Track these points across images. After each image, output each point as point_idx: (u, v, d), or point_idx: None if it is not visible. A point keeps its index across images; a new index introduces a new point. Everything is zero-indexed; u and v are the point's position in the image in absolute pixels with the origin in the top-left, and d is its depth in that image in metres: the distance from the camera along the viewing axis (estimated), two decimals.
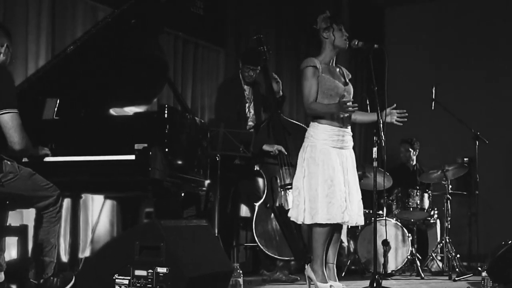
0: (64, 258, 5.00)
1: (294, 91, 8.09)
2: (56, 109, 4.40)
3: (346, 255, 6.41)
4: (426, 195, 6.37)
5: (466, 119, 6.60)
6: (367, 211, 6.26)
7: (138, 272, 3.38)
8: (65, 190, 4.09)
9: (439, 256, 6.39)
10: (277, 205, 5.24)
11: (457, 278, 5.75)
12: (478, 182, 6.64)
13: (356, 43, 4.31)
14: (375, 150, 4.31)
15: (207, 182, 4.66)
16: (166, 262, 3.33)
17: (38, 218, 3.81)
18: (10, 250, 4.36)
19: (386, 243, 5.87)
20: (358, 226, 6.00)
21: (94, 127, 4.31)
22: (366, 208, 6.05)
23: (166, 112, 4.12)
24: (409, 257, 6.06)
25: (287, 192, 5.25)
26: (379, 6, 9.87)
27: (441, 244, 6.30)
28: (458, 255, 6.25)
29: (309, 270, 4.25)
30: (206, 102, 6.89)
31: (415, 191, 6.35)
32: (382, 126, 4.21)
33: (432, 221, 6.69)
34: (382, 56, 4.19)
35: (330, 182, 4.13)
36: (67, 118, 4.41)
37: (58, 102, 4.42)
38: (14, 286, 3.91)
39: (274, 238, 5.19)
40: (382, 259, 5.86)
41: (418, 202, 6.32)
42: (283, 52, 8.02)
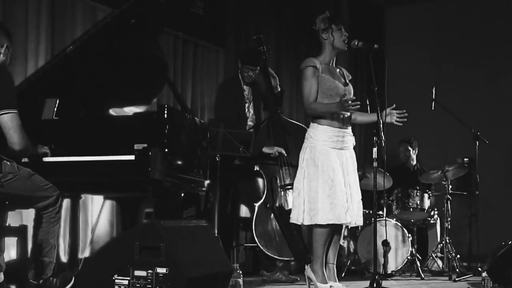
0: (63, 259, 4.99)
1: (294, 91, 8.08)
2: (55, 109, 4.39)
3: (346, 256, 6.41)
4: (426, 196, 6.36)
5: (466, 119, 6.59)
6: (367, 212, 6.26)
7: (137, 272, 3.39)
8: (64, 191, 4.08)
9: (439, 256, 6.38)
10: (277, 205, 5.23)
11: (457, 279, 5.74)
12: (478, 182, 6.64)
13: (356, 43, 4.30)
14: (375, 150, 4.30)
15: (207, 182, 4.65)
16: (165, 262, 3.33)
17: (38, 218, 3.81)
18: (10, 250, 4.35)
19: (386, 244, 5.87)
20: (358, 227, 5.99)
21: (94, 127, 4.30)
22: (366, 208, 6.06)
23: (166, 112, 4.11)
24: (409, 257, 6.05)
25: (287, 192, 5.24)
26: (379, 6, 9.87)
27: (441, 244, 6.29)
28: (458, 256, 6.24)
29: (309, 271, 4.24)
30: (206, 102, 6.89)
31: (415, 192, 6.34)
32: (382, 126, 4.20)
33: (432, 221, 6.69)
34: (382, 56, 4.18)
35: (330, 182, 4.12)
36: (67, 118, 4.40)
37: (57, 102, 4.41)
38: (13, 287, 3.90)
39: (274, 238, 5.19)
40: (382, 260, 5.86)
41: (418, 202, 6.31)
42: (283, 52, 8.01)
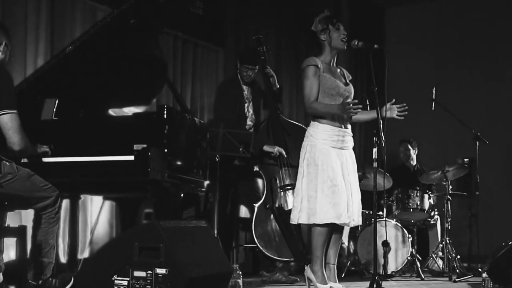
0: (63, 259, 4.99)
1: (294, 92, 8.07)
2: (55, 109, 4.39)
3: (346, 256, 6.40)
4: (426, 196, 6.36)
5: (466, 120, 6.58)
6: (367, 212, 6.27)
7: (137, 273, 3.39)
8: (64, 191, 4.08)
9: (440, 257, 6.37)
10: (276, 206, 5.22)
11: (457, 279, 5.73)
12: (479, 182, 6.64)
13: (356, 43, 4.29)
14: (375, 150, 4.30)
15: (207, 182, 4.64)
16: (165, 263, 3.33)
17: (37, 219, 3.80)
18: (9, 251, 4.34)
19: (386, 244, 5.86)
20: (358, 227, 5.99)
21: (93, 128, 4.29)
22: (366, 209, 6.08)
23: (165, 112, 4.11)
24: (409, 258, 6.05)
25: (287, 192, 5.23)
26: (379, 6, 9.86)
27: (441, 245, 6.28)
28: (459, 256, 6.23)
29: (308, 271, 4.24)
30: (206, 102, 6.87)
31: (415, 192, 6.33)
32: (382, 126, 4.19)
33: (432, 222, 6.68)
34: (382, 56, 4.17)
35: (329, 182, 4.12)
36: (66, 118, 4.40)
37: (57, 102, 4.41)
38: (12, 287, 3.90)
39: (273, 239, 5.18)
40: (382, 260, 5.85)
41: (418, 203, 6.31)
42: (283, 52, 8.00)
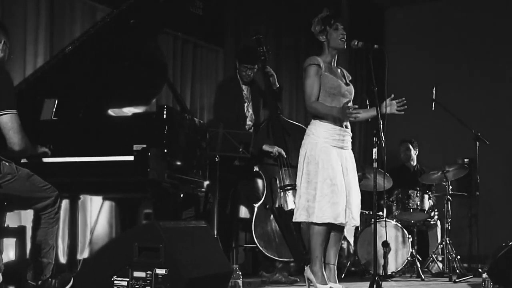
0: (62, 260, 4.99)
1: (294, 92, 8.07)
2: (54, 109, 4.38)
3: (346, 257, 6.39)
4: (426, 196, 6.35)
5: (466, 120, 6.58)
6: (367, 212, 6.26)
7: (136, 273, 3.38)
8: (63, 191, 4.07)
9: (440, 257, 6.37)
10: (276, 206, 5.21)
11: (457, 280, 5.73)
12: (479, 183, 6.63)
13: (355, 43, 4.29)
14: (375, 151, 4.29)
15: (206, 183, 4.63)
16: (165, 263, 3.33)
17: (36, 219, 3.80)
18: (8, 251, 4.34)
19: (386, 245, 5.85)
20: (358, 228, 5.98)
21: (93, 128, 4.28)
22: (366, 209, 6.08)
23: (165, 112, 4.10)
24: (409, 258, 6.04)
25: (287, 193, 5.23)
26: (379, 6, 9.86)
27: (441, 245, 6.28)
28: (459, 257, 6.23)
29: (308, 272, 4.23)
30: (205, 102, 6.86)
31: (415, 192, 6.33)
32: (382, 126, 4.18)
33: (432, 222, 6.67)
34: (382, 56, 4.17)
35: (329, 181, 4.12)
36: (66, 118, 4.39)
37: (56, 102, 4.40)
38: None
39: (273, 239, 5.17)
40: (382, 261, 5.84)
41: (418, 203, 6.30)
42: (283, 52, 8.00)
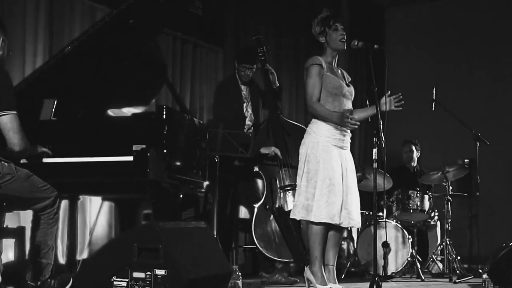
0: (61, 260, 4.98)
1: (294, 92, 8.06)
2: (53, 110, 4.37)
3: (345, 257, 6.38)
4: (426, 197, 6.34)
5: (466, 120, 6.56)
6: (367, 213, 6.25)
7: (136, 274, 3.38)
8: (62, 192, 4.06)
9: (440, 258, 6.36)
10: (276, 206, 5.20)
11: (457, 280, 5.72)
12: (479, 183, 6.62)
13: (355, 44, 4.28)
14: (375, 151, 4.28)
15: (206, 183, 4.62)
16: (164, 264, 3.32)
17: (36, 219, 3.79)
18: (7, 252, 4.33)
19: (386, 245, 5.84)
20: (358, 228, 5.97)
21: (92, 128, 4.28)
22: (366, 209, 6.07)
23: (165, 113, 4.09)
24: (409, 259, 6.03)
25: (287, 193, 5.22)
26: (379, 6, 9.86)
27: (441, 246, 6.27)
28: (459, 257, 6.21)
29: (308, 272, 4.23)
30: (205, 102, 6.85)
31: (415, 193, 6.32)
32: (382, 126, 4.18)
33: (432, 222, 6.66)
34: (382, 56, 4.16)
35: (328, 181, 4.12)
36: (65, 119, 4.38)
37: (55, 103, 4.39)
38: None
39: (273, 240, 5.16)
40: (382, 261, 5.83)
41: (418, 203, 6.29)
42: (283, 52, 7.99)
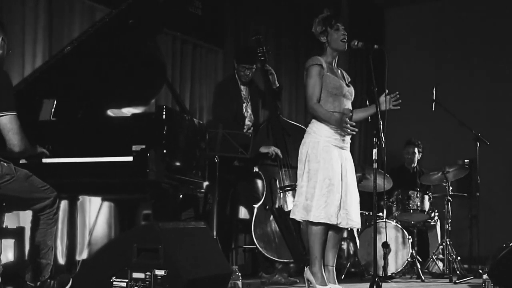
0: (61, 261, 4.97)
1: (294, 92, 8.05)
2: (53, 110, 4.37)
3: (345, 258, 6.38)
4: (426, 197, 6.33)
5: (467, 120, 6.55)
6: (367, 213, 6.25)
7: (136, 274, 3.38)
8: (62, 192, 4.06)
9: (440, 258, 6.35)
10: (276, 207, 5.20)
11: (458, 281, 5.71)
12: (479, 183, 6.61)
13: (355, 44, 4.28)
14: (375, 151, 4.27)
15: (206, 183, 4.62)
16: (164, 264, 3.32)
17: (35, 220, 3.79)
18: (7, 252, 4.33)
19: (386, 245, 5.83)
20: (357, 228, 5.97)
21: (92, 128, 4.28)
22: (366, 210, 6.06)
23: (164, 113, 4.09)
24: (409, 259, 6.03)
25: (287, 193, 5.21)
26: (379, 6, 9.85)
27: (441, 246, 6.27)
28: (459, 258, 6.21)
29: (308, 273, 4.23)
30: (205, 103, 6.85)
31: (416, 193, 6.31)
32: (382, 127, 4.17)
33: (432, 223, 6.66)
34: (382, 56, 4.15)
35: (328, 181, 4.12)
36: (65, 119, 4.38)
37: (55, 103, 4.39)
38: None
39: (273, 240, 5.16)
40: (382, 262, 5.82)
41: (419, 204, 6.29)
42: (283, 52, 7.98)
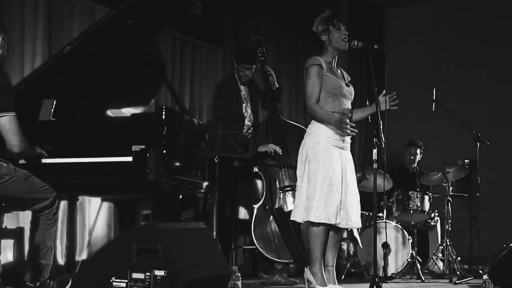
0: (60, 261, 4.97)
1: (294, 92, 8.05)
2: (52, 110, 4.37)
3: (345, 258, 6.37)
4: (426, 197, 6.33)
5: (467, 120, 6.55)
6: (367, 213, 6.24)
7: (135, 275, 3.37)
8: (61, 192, 4.06)
9: (440, 258, 6.35)
10: (276, 207, 5.19)
11: (458, 281, 5.71)
12: (479, 184, 6.61)
13: (355, 44, 4.28)
14: (375, 151, 4.27)
15: (205, 184, 4.62)
16: (163, 264, 3.32)
17: (34, 220, 3.79)
18: (6, 252, 4.32)
19: (386, 246, 5.83)
20: (358, 228, 5.96)
21: (91, 129, 4.27)
22: (366, 210, 6.05)
23: (164, 113, 4.09)
24: (409, 259, 6.03)
25: (286, 194, 5.21)
26: (379, 6, 9.85)
27: (441, 246, 6.26)
28: (459, 258, 6.21)
29: (308, 273, 4.22)
30: (204, 103, 6.84)
31: (416, 193, 6.31)
32: (382, 127, 4.17)
33: (432, 223, 6.66)
34: (382, 56, 4.15)
35: (328, 181, 4.11)
36: (64, 119, 4.38)
37: (54, 103, 4.38)
38: None
39: (273, 240, 5.15)
40: (382, 262, 5.82)
41: (419, 204, 6.28)
42: (283, 52, 7.98)
